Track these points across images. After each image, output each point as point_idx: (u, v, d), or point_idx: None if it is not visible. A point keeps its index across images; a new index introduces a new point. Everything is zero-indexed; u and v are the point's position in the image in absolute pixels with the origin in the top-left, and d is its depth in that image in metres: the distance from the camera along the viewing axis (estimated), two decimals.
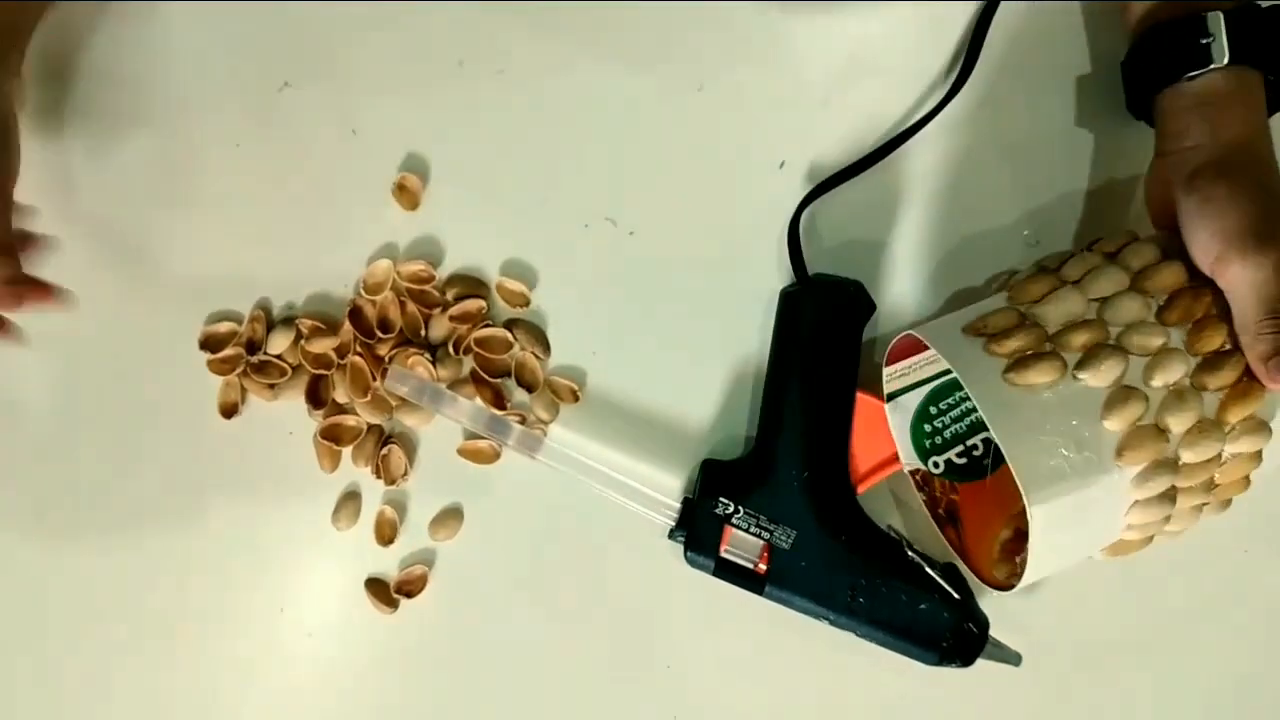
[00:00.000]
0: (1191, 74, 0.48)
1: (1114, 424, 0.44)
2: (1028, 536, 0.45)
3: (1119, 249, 0.49)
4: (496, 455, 0.56)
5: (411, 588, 0.56)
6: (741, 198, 0.57)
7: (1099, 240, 0.50)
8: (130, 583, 0.56)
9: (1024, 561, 0.46)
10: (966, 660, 0.52)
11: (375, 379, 0.55)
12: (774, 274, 0.56)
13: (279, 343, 0.56)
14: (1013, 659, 0.53)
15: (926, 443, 0.54)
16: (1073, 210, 0.57)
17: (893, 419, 0.54)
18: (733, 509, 0.53)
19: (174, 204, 0.56)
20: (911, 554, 0.52)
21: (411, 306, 0.56)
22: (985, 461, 0.54)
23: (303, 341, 0.56)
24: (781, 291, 0.55)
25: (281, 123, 0.57)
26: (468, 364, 0.56)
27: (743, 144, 0.57)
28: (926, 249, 0.56)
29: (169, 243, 0.57)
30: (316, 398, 0.56)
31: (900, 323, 0.56)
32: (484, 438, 0.55)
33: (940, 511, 0.54)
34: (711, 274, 0.57)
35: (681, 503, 0.54)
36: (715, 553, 0.52)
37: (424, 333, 0.56)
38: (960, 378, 0.46)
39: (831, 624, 0.52)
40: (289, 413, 0.56)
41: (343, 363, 0.56)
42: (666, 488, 0.55)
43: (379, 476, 0.56)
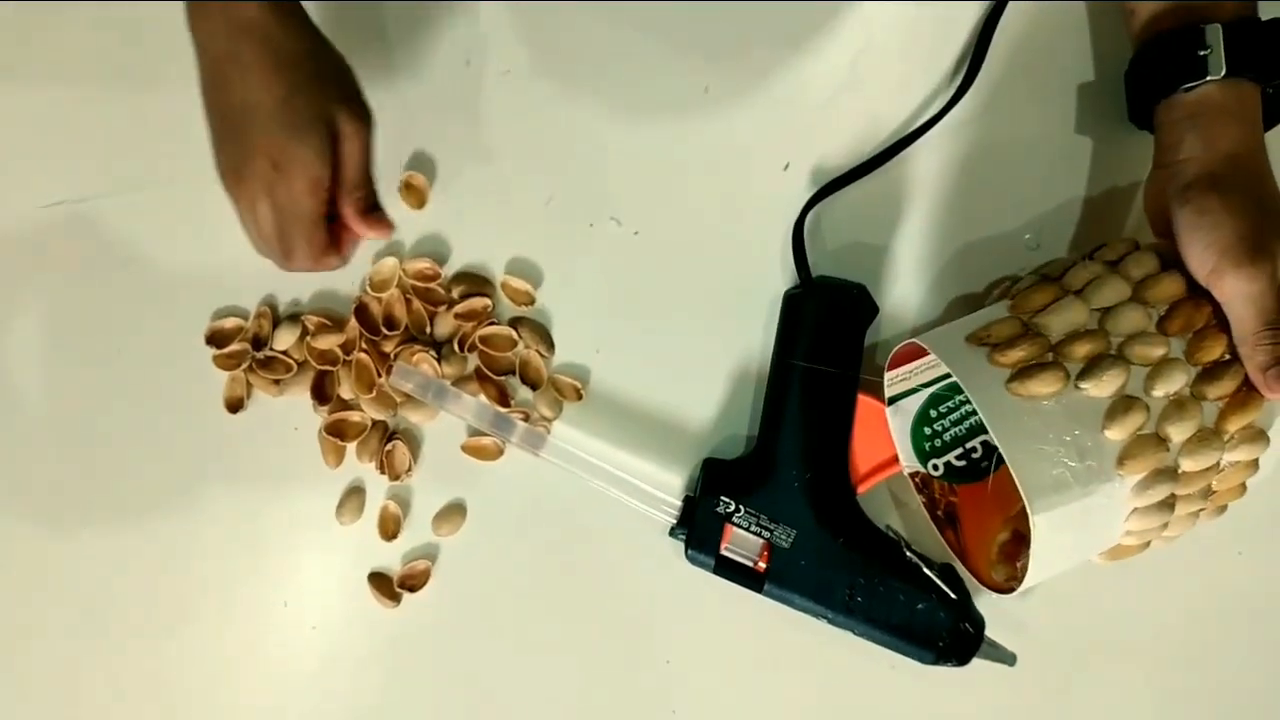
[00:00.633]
0: (1188, 85, 0.48)
1: (1116, 433, 0.45)
2: (1026, 539, 0.45)
3: (1120, 258, 0.49)
4: (500, 452, 0.57)
5: (414, 582, 0.56)
6: (746, 199, 0.57)
7: (1100, 248, 0.51)
8: (135, 576, 0.56)
9: (1024, 566, 0.47)
10: (962, 659, 0.52)
11: (380, 375, 0.56)
12: (778, 275, 0.57)
13: (285, 339, 0.56)
14: (1008, 658, 0.53)
15: (926, 445, 0.54)
16: (1074, 215, 0.57)
17: (893, 422, 0.54)
18: (733, 508, 0.53)
19: (180, 199, 0.57)
20: (909, 554, 0.52)
21: (417, 304, 0.56)
22: (984, 464, 0.54)
23: (308, 338, 0.56)
24: (785, 293, 0.56)
25: None
26: (472, 361, 0.57)
27: (748, 146, 0.57)
28: (929, 252, 0.57)
29: (176, 238, 0.57)
30: (322, 393, 0.56)
31: (903, 325, 0.57)
32: (488, 434, 0.55)
33: (939, 514, 0.55)
34: (715, 274, 0.57)
35: (683, 501, 0.54)
36: (715, 551, 0.53)
37: (429, 330, 0.57)
38: (964, 387, 0.46)
39: (830, 622, 0.53)
40: (294, 408, 0.57)
41: (348, 359, 0.56)
42: (668, 486, 0.55)
43: (383, 472, 0.56)
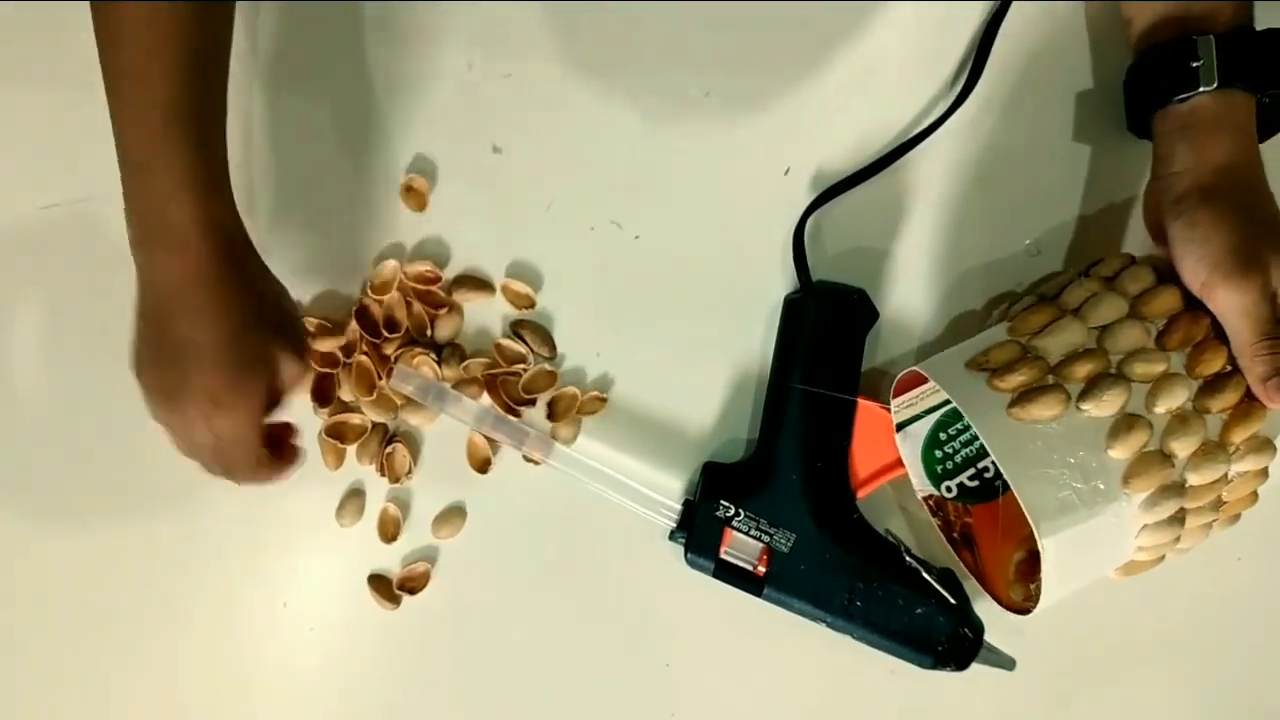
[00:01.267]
0: (1181, 96, 0.48)
1: (1119, 452, 0.45)
2: (1041, 559, 0.45)
3: (1116, 273, 0.49)
4: (488, 461, 0.57)
5: (414, 584, 0.56)
6: (747, 203, 0.57)
7: (1096, 263, 0.51)
8: (134, 576, 0.56)
9: (1039, 587, 0.47)
10: (961, 664, 0.52)
11: (381, 378, 0.56)
12: (778, 280, 0.57)
13: None
14: (1007, 663, 0.53)
15: (938, 468, 0.54)
16: (1075, 221, 0.57)
17: (904, 448, 0.54)
18: (733, 511, 0.53)
19: None
20: (909, 559, 0.52)
21: (418, 306, 0.56)
22: (997, 483, 0.54)
23: (309, 340, 0.56)
24: (785, 297, 0.56)
25: (291, 123, 0.57)
26: (475, 367, 0.57)
27: (749, 150, 0.57)
28: (930, 257, 0.57)
29: None
30: (322, 396, 0.56)
31: (903, 330, 0.57)
32: (488, 437, 0.56)
33: (955, 535, 0.55)
34: (716, 279, 0.57)
35: (683, 504, 0.54)
36: (715, 554, 0.53)
37: (430, 332, 0.57)
38: (965, 414, 0.47)
39: (829, 626, 0.53)
40: (295, 410, 0.56)
41: (348, 361, 0.56)
42: (668, 489, 0.56)
43: (383, 474, 0.56)
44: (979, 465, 0.54)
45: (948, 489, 0.54)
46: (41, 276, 0.57)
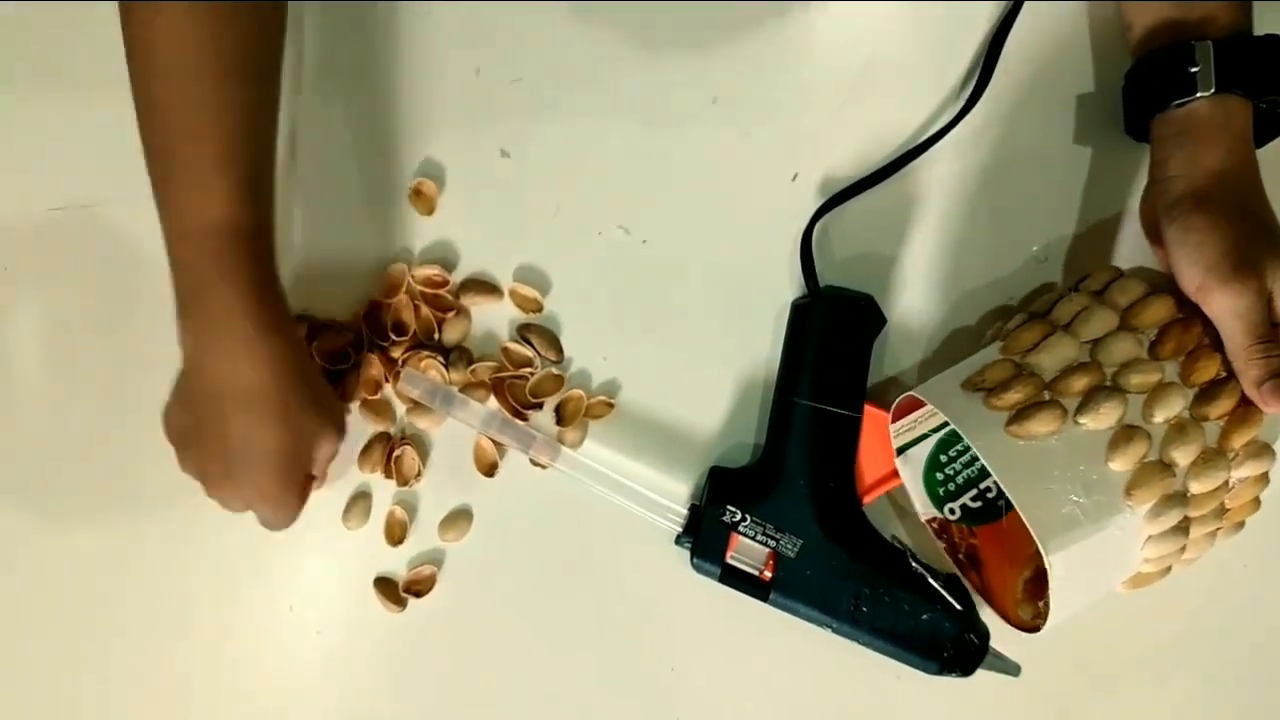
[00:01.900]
0: (1178, 101, 0.49)
1: (1120, 464, 0.45)
2: (1048, 576, 0.45)
3: (1105, 286, 0.49)
4: (495, 466, 0.57)
5: (420, 587, 0.56)
6: (754, 209, 0.57)
7: (1085, 278, 0.51)
8: (138, 578, 0.56)
9: (1047, 604, 0.47)
10: (967, 670, 0.52)
11: (388, 381, 0.56)
12: (785, 285, 0.57)
13: None
14: (1012, 670, 0.53)
15: (940, 490, 0.54)
16: (1083, 227, 0.57)
17: (905, 472, 0.54)
18: (739, 516, 0.53)
19: None
20: (915, 564, 0.53)
21: (425, 310, 0.56)
22: (1000, 503, 0.54)
23: (315, 342, 0.56)
24: (793, 303, 0.56)
25: (300, 127, 0.57)
26: (483, 370, 0.57)
27: (756, 156, 0.57)
28: (938, 263, 0.57)
29: None
30: None
31: (910, 336, 0.57)
32: (495, 440, 0.56)
33: (961, 557, 0.55)
34: (723, 284, 0.57)
35: (689, 509, 0.54)
36: (721, 559, 0.53)
37: (437, 336, 0.57)
38: (964, 435, 0.47)
39: (834, 632, 0.53)
40: None
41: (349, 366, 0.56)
42: (674, 494, 0.56)
43: (390, 477, 0.56)
44: (981, 486, 0.55)
45: (951, 511, 0.54)
46: (48, 279, 0.57)
